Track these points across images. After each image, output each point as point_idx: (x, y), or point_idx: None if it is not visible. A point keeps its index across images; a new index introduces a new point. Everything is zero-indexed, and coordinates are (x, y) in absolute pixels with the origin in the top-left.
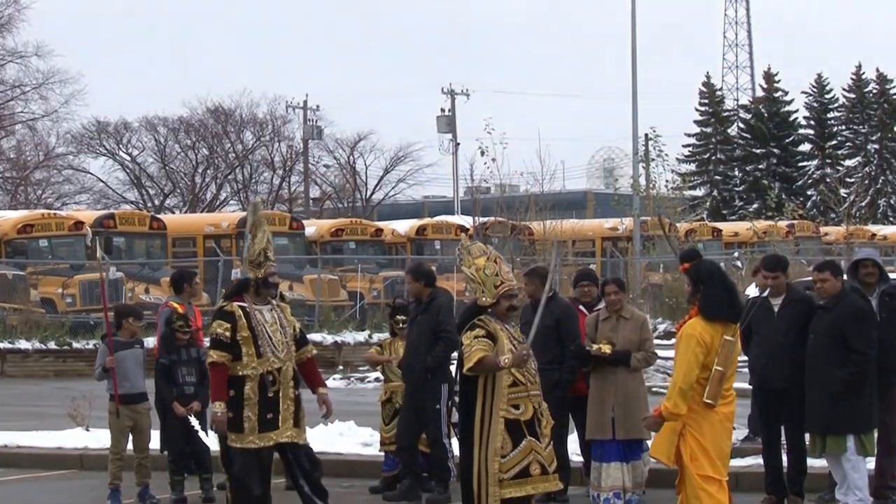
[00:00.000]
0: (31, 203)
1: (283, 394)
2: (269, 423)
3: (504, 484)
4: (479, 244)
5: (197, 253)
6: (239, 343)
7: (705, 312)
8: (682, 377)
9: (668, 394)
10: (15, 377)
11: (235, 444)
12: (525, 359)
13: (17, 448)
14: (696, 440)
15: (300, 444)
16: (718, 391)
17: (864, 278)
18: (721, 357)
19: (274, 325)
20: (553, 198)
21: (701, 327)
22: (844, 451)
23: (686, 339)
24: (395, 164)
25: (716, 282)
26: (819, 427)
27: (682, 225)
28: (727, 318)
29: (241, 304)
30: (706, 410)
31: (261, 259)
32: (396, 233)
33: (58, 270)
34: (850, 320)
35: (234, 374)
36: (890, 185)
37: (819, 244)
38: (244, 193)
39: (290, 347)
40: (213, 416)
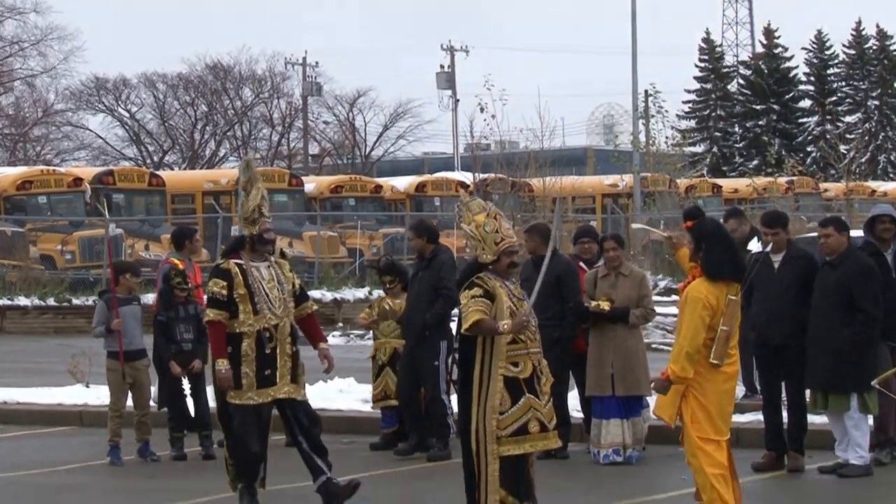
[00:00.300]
0: (30, 159)
1: (280, 350)
2: (267, 380)
3: (502, 441)
4: (478, 200)
5: (196, 209)
6: (236, 301)
7: (708, 272)
8: (689, 341)
9: (675, 357)
10: (14, 334)
11: (234, 400)
12: (525, 325)
13: (17, 404)
14: (697, 401)
15: (298, 401)
16: (725, 351)
17: (881, 234)
18: (727, 317)
19: (271, 282)
20: (553, 154)
21: (706, 289)
22: (847, 409)
23: (692, 301)
24: (394, 121)
25: (717, 241)
26: (822, 384)
27: (682, 181)
28: (730, 277)
29: (237, 262)
30: (710, 371)
31: (255, 216)
32: (396, 189)
33: (57, 227)
34: (857, 279)
35: (231, 331)
36: (890, 141)
37: (819, 200)
38: (243, 150)
39: (287, 304)
40: (217, 373)
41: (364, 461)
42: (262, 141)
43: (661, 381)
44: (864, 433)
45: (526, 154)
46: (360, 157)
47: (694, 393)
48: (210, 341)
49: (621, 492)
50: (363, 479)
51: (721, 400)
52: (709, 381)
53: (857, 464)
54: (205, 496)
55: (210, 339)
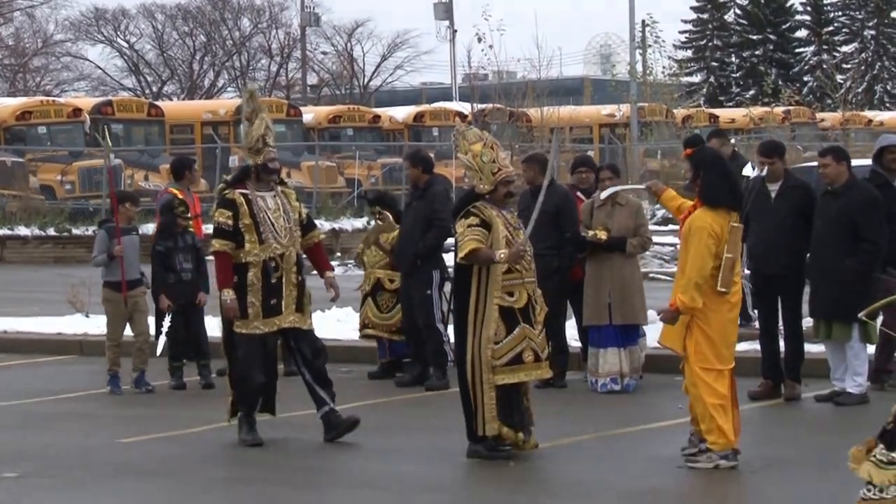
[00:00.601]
0: (29, 90)
1: (286, 279)
2: (272, 309)
3: (497, 370)
4: (474, 130)
5: (195, 140)
6: (241, 231)
7: (706, 200)
8: (697, 270)
9: (684, 287)
10: (14, 263)
11: (240, 329)
12: (521, 255)
13: (17, 333)
14: (702, 331)
15: (304, 330)
16: (731, 278)
17: (890, 164)
18: (730, 244)
19: (277, 212)
20: (550, 84)
21: (710, 218)
22: (850, 339)
23: (697, 231)
24: (392, 51)
25: (715, 169)
26: (826, 314)
27: (679, 111)
28: (728, 204)
29: (242, 192)
30: (715, 301)
31: (259, 145)
32: (394, 119)
33: (57, 157)
34: (861, 209)
35: (237, 261)
36: (886, 71)
37: (815, 130)
38: (241, 80)
39: (293, 233)
40: (223, 303)
41: (363, 389)
42: (260, 71)
43: (670, 312)
44: (863, 362)
45: (523, 84)
46: (358, 87)
47: (698, 323)
48: (216, 271)
49: (619, 420)
50: (363, 408)
51: (725, 329)
52: (713, 310)
53: (854, 392)
54: (205, 425)
55: (216, 269)
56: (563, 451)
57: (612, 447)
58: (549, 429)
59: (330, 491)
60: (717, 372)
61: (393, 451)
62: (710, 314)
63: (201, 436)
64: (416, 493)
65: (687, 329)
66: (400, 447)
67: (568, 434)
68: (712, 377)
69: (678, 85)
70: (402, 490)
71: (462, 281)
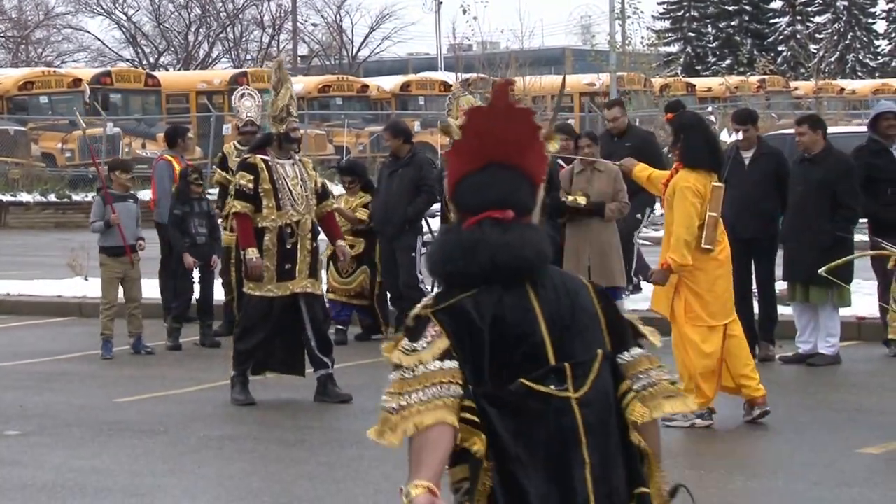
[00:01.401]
0: (31, 61)
1: (300, 245)
2: (286, 273)
3: None
4: (468, 96)
5: (190, 109)
6: (260, 195)
7: (686, 161)
8: (685, 228)
9: (674, 245)
10: (17, 228)
11: (254, 291)
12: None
13: (19, 296)
14: (689, 289)
15: (316, 295)
16: (715, 236)
17: (886, 130)
18: (713, 202)
19: (295, 179)
20: (532, 55)
21: (693, 178)
22: (826, 300)
23: (681, 191)
24: (380, 23)
25: (696, 131)
26: (804, 277)
27: (657, 80)
28: (709, 166)
29: (263, 157)
30: (701, 259)
31: (283, 115)
32: (382, 89)
33: (57, 126)
34: (841, 176)
35: (254, 225)
36: (858, 40)
37: (789, 98)
38: (235, 52)
39: (309, 201)
40: (248, 262)
41: (352, 350)
42: (252, 43)
43: (661, 272)
44: (836, 323)
45: (507, 54)
46: (346, 58)
47: (686, 282)
48: (238, 232)
49: None
50: (352, 368)
51: (714, 285)
52: (700, 268)
53: (827, 353)
54: (198, 385)
55: (238, 230)
56: None
57: None
58: None
59: (320, 449)
60: (707, 329)
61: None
62: (697, 272)
63: (195, 395)
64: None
65: (675, 290)
66: None
67: None
68: (701, 335)
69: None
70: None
71: None
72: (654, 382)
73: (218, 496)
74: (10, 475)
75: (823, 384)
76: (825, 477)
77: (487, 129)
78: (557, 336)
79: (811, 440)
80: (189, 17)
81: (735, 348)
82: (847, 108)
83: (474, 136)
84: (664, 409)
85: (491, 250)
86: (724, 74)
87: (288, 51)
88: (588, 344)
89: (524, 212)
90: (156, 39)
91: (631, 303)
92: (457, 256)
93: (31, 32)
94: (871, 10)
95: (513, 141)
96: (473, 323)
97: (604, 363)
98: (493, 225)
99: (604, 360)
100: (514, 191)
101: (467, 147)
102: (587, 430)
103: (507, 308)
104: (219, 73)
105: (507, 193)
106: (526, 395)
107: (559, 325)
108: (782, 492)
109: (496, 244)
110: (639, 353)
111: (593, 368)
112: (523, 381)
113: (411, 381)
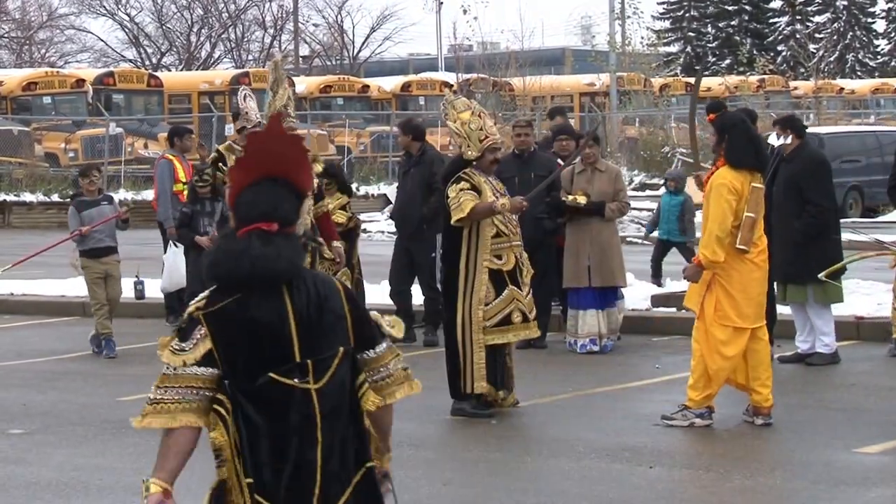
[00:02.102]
0: (35, 62)
1: None
2: None
3: (487, 331)
4: (463, 99)
5: (192, 109)
6: None
7: (731, 161)
8: (718, 225)
9: (705, 242)
10: (20, 228)
11: None
12: (522, 206)
13: (23, 296)
14: (722, 288)
15: None
16: (750, 237)
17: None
18: (751, 203)
19: None
20: (532, 55)
21: (731, 176)
22: (804, 299)
23: (717, 188)
24: (380, 23)
25: (740, 131)
26: (781, 276)
27: (657, 80)
28: (752, 165)
29: None
30: (736, 259)
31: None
32: (382, 89)
33: (61, 126)
34: (805, 173)
35: None
36: (857, 40)
37: (788, 98)
38: (237, 52)
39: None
40: None
41: None
42: (254, 43)
43: (693, 268)
44: (826, 321)
45: (507, 55)
46: (347, 58)
47: (720, 280)
48: None
49: (597, 380)
50: None
51: (748, 287)
52: (734, 268)
53: (823, 352)
54: None
55: None
56: (543, 409)
57: (590, 406)
58: (530, 388)
59: None
60: (733, 330)
61: None
62: (732, 271)
63: None
64: (402, 450)
65: (707, 287)
66: None
67: (548, 393)
68: (726, 336)
69: (656, 55)
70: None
71: (452, 245)
72: (391, 374)
73: None
74: (15, 473)
75: (822, 384)
76: (823, 476)
77: (263, 149)
78: (305, 335)
79: (809, 439)
80: (191, 18)
81: (759, 353)
82: (846, 107)
83: (252, 155)
84: (396, 396)
85: (252, 260)
86: (723, 74)
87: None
88: (331, 342)
89: (287, 224)
90: (158, 40)
91: (630, 302)
92: (224, 263)
93: (35, 33)
94: (871, 9)
95: (283, 160)
96: (234, 325)
97: (344, 359)
98: (259, 236)
99: (344, 356)
100: (279, 205)
101: (246, 164)
102: (322, 415)
103: (263, 311)
104: (220, 74)
105: (273, 208)
106: (273, 387)
107: (307, 326)
108: (780, 490)
109: (257, 255)
110: (383, 349)
111: (333, 364)
112: (272, 374)
113: (172, 379)
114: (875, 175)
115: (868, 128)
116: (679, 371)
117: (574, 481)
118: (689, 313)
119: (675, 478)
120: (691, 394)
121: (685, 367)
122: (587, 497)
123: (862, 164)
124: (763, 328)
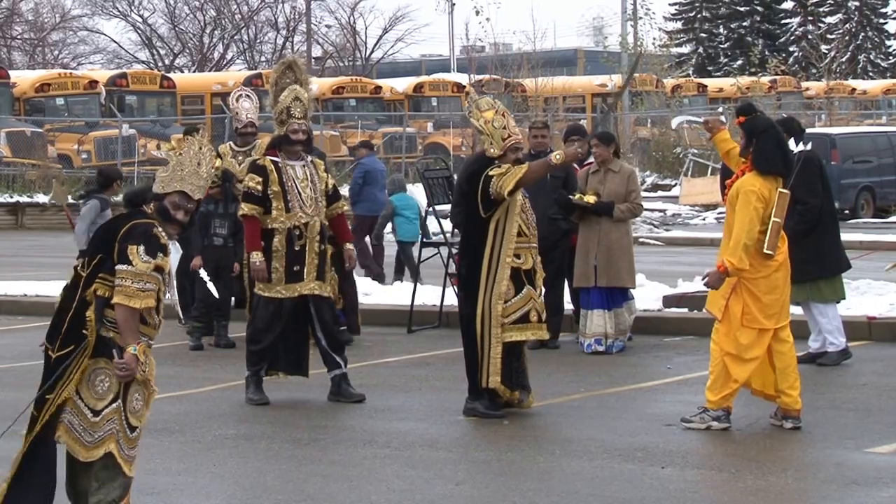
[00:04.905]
0: (48, 63)
1: (309, 248)
2: (295, 275)
3: (506, 327)
4: (487, 98)
5: (205, 110)
6: (269, 197)
7: (759, 166)
8: (746, 233)
9: (732, 249)
10: (33, 229)
11: (263, 292)
12: (577, 154)
13: (37, 297)
14: (750, 292)
15: (323, 297)
16: (776, 242)
17: None
18: (778, 208)
19: (304, 181)
20: (544, 56)
21: (759, 183)
22: (804, 298)
23: (745, 194)
24: (393, 24)
25: (769, 137)
26: None
27: (669, 81)
28: (780, 171)
29: (273, 159)
30: (762, 262)
31: (283, 117)
32: (395, 90)
33: (74, 127)
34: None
35: (263, 226)
36: (869, 41)
37: (800, 99)
38: (249, 53)
39: (318, 203)
40: (252, 265)
41: (367, 351)
42: (267, 44)
43: (716, 274)
44: (832, 319)
45: (519, 56)
46: (360, 59)
47: (747, 285)
48: (245, 235)
49: (609, 380)
50: (366, 368)
51: (774, 288)
52: (760, 272)
53: (832, 351)
54: (213, 385)
55: (245, 232)
56: (555, 409)
57: (602, 406)
58: (542, 388)
59: (333, 448)
60: (756, 332)
61: (393, 409)
62: (759, 276)
63: (210, 395)
64: (415, 450)
65: (733, 291)
66: (400, 406)
67: (560, 393)
68: (749, 339)
69: (668, 56)
70: (402, 447)
71: (475, 240)
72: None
73: (233, 494)
74: None
75: (833, 384)
76: (835, 476)
77: None
78: None
79: (821, 439)
80: (204, 20)
81: (785, 355)
82: (858, 108)
83: None
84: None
85: None
86: (735, 75)
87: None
88: None
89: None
90: (171, 41)
91: (642, 303)
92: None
93: (48, 35)
94: (883, 10)
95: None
96: None
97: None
98: None
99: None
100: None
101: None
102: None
103: None
104: (233, 75)
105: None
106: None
107: None
108: (792, 491)
109: None
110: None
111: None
112: None
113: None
114: (887, 175)
115: (880, 128)
116: (691, 371)
117: (586, 481)
118: (701, 314)
119: (686, 478)
120: (709, 395)
121: (697, 367)
122: (599, 497)
123: (874, 164)
124: (786, 328)
